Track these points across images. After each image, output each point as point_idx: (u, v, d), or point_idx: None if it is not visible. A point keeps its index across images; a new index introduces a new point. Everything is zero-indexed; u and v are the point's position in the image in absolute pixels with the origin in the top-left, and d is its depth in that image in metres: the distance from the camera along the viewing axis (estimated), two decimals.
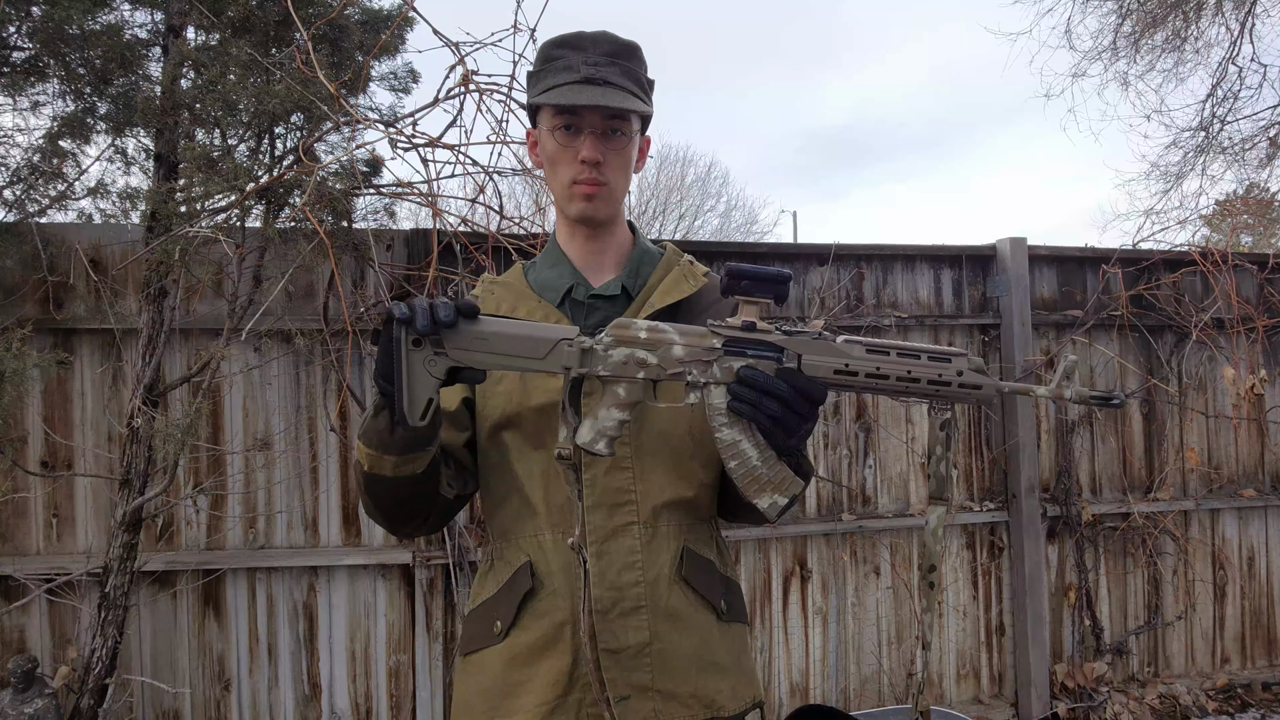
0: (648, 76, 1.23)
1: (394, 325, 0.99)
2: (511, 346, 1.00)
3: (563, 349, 1.00)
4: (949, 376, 1.02)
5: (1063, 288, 3.91)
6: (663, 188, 18.60)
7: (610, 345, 1.02)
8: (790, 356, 1.02)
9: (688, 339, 1.02)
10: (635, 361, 1.02)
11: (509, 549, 1.22)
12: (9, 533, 3.02)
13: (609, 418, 1.02)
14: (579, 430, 1.03)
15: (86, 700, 2.76)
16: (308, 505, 3.20)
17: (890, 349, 1.02)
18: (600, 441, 1.02)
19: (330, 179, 2.85)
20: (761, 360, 1.02)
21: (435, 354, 0.99)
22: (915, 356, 1.02)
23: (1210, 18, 7.15)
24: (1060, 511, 3.78)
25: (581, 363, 1.01)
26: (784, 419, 1.01)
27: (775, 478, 1.03)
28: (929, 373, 1.01)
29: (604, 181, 1.19)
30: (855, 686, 3.62)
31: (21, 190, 2.98)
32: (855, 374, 1.02)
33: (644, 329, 1.02)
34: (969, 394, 1.02)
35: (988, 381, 1.02)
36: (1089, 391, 1.02)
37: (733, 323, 1.03)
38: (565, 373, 1.01)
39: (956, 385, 1.02)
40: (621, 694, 1.12)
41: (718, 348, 1.02)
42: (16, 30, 2.92)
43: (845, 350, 1.02)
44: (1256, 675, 3.99)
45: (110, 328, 3.01)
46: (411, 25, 3.19)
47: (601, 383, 1.03)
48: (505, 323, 1.02)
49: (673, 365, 1.02)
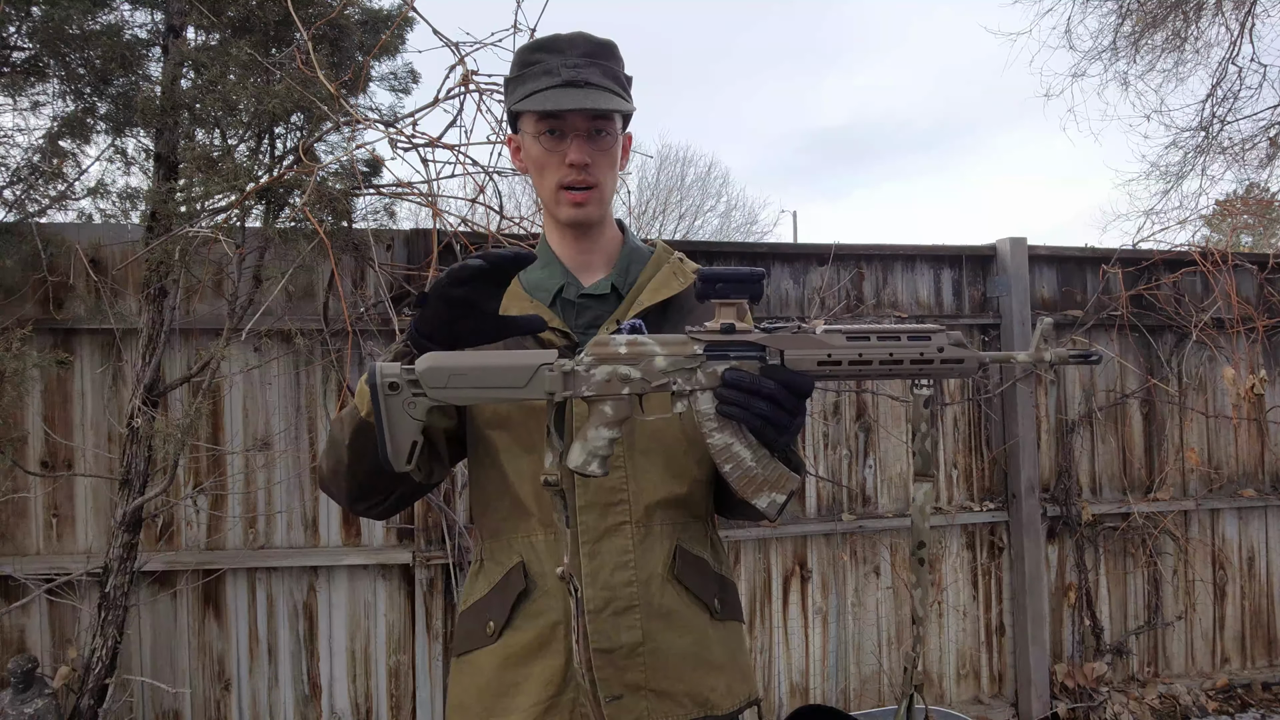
0: (626, 74, 1.23)
1: (371, 373, 0.98)
2: (491, 379, 0.99)
3: (544, 374, 0.99)
4: (930, 354, 1.02)
5: (1063, 288, 3.91)
6: (663, 188, 18.61)
7: (591, 365, 1.00)
8: (773, 354, 1.02)
9: (669, 349, 1.01)
10: (619, 378, 1.00)
11: (501, 549, 1.22)
12: (9, 533, 3.02)
13: (599, 437, 1.02)
14: (570, 453, 1.03)
15: (86, 700, 2.76)
16: (308, 505, 3.20)
17: (870, 333, 1.02)
18: (593, 463, 1.02)
19: (330, 179, 2.85)
20: (745, 360, 1.02)
21: (414, 396, 0.98)
22: (895, 338, 1.02)
23: (1210, 18, 7.15)
24: (1060, 511, 3.78)
25: (565, 386, 0.99)
26: (774, 416, 1.00)
27: (771, 476, 1.03)
28: (910, 352, 1.02)
29: (593, 183, 1.19)
30: (855, 686, 3.62)
31: (21, 190, 2.98)
32: (839, 363, 1.02)
33: (623, 344, 1.01)
34: (951, 369, 1.03)
35: (968, 354, 1.03)
36: (1067, 351, 1.03)
37: (711, 327, 1.02)
38: (549, 398, 1.00)
39: (939, 362, 1.02)
40: (615, 693, 1.12)
41: (700, 354, 1.01)
42: (16, 30, 2.92)
43: (827, 341, 1.02)
44: (1256, 675, 3.99)
45: (110, 328, 3.02)
46: (411, 25, 3.19)
47: (588, 403, 1.02)
48: (482, 355, 1.00)
49: (656, 377, 1.01)
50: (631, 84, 1.25)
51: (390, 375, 0.98)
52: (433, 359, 0.98)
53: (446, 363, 0.98)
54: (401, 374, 0.98)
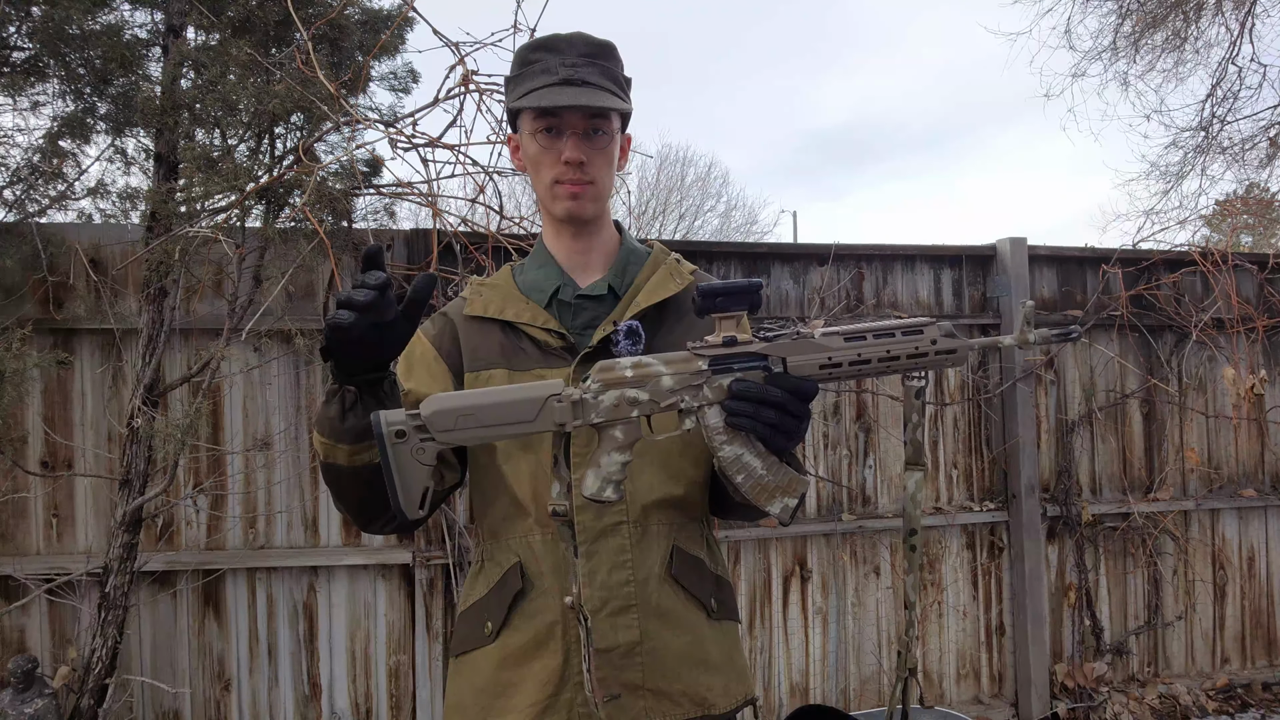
0: (625, 75, 1.23)
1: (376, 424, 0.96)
2: (499, 415, 0.97)
3: (552, 406, 0.98)
4: (925, 347, 1.04)
5: (1063, 288, 3.91)
6: (663, 188, 18.61)
7: (599, 391, 1.00)
8: (775, 362, 1.03)
9: (675, 367, 1.02)
10: (627, 401, 1.01)
11: (499, 550, 1.22)
12: (9, 533, 3.02)
13: (612, 463, 1.02)
14: (585, 482, 1.02)
15: (86, 700, 2.76)
16: (308, 505, 3.20)
17: (866, 332, 1.04)
18: (608, 489, 1.02)
19: (330, 179, 2.85)
20: (749, 370, 1.02)
21: (422, 442, 0.97)
22: (890, 335, 1.04)
23: (1210, 18, 7.15)
24: (1060, 511, 3.78)
25: (574, 415, 0.99)
26: (782, 423, 1.01)
27: (782, 482, 1.04)
28: (906, 347, 1.04)
29: (589, 180, 1.19)
30: (855, 686, 3.62)
31: (21, 190, 2.98)
32: (839, 364, 1.03)
33: (629, 367, 1.01)
34: (945, 359, 1.05)
35: (960, 343, 1.05)
36: (1049, 332, 1.06)
37: (713, 341, 1.03)
38: (559, 429, 0.99)
39: (933, 354, 1.05)
40: (612, 692, 1.13)
41: (705, 369, 1.02)
42: (16, 30, 2.93)
43: (826, 344, 1.03)
44: (1256, 675, 3.99)
45: (110, 328, 3.02)
46: (411, 25, 3.20)
47: (597, 429, 1.02)
48: (487, 392, 0.99)
49: (665, 397, 1.01)
50: (631, 85, 1.25)
51: (396, 424, 0.96)
52: (438, 402, 0.97)
53: (453, 404, 0.97)
54: (407, 421, 0.96)
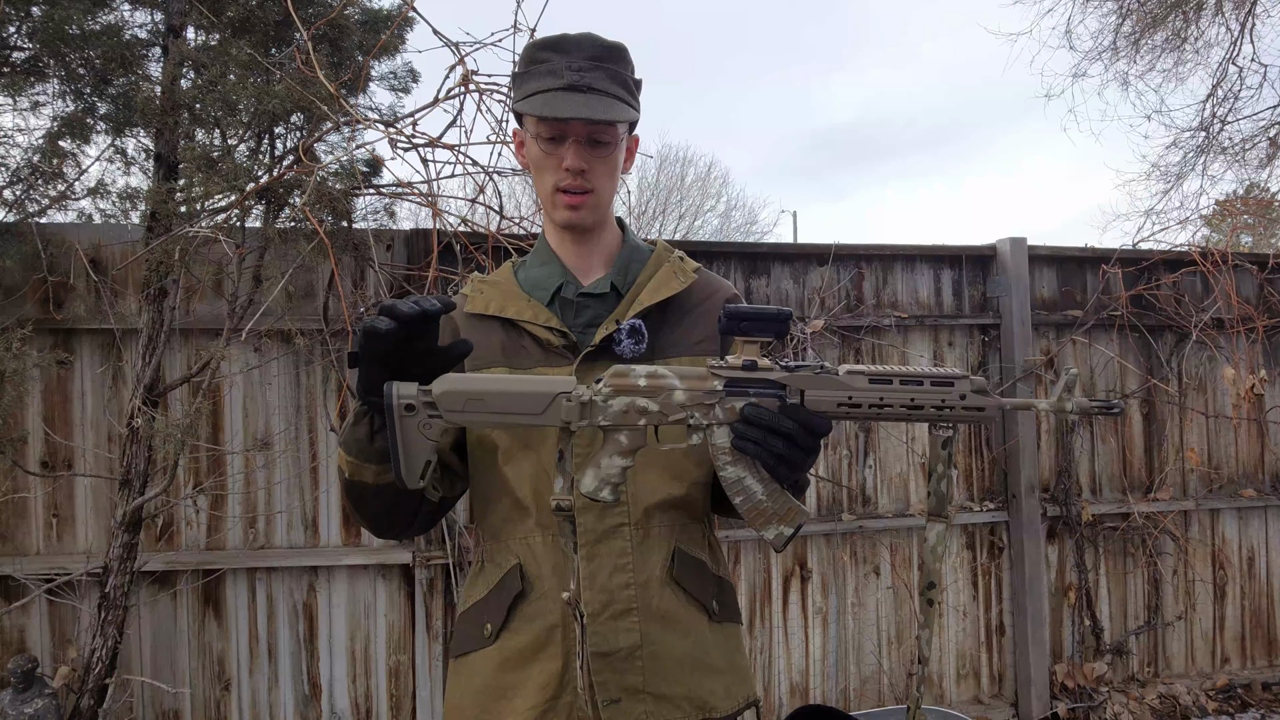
0: (635, 77, 1.21)
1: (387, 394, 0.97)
2: (508, 404, 0.99)
3: (561, 403, 0.98)
4: (952, 401, 1.00)
5: (1063, 288, 3.91)
6: (663, 188, 18.61)
7: (609, 395, 1.00)
8: (793, 393, 1.01)
9: (689, 383, 1.01)
10: (636, 410, 1.00)
11: (499, 551, 1.22)
12: (9, 533, 3.02)
13: (612, 465, 1.02)
14: (583, 479, 1.03)
15: (86, 700, 2.76)
16: (307, 505, 3.20)
17: (893, 376, 1.00)
18: (605, 489, 1.02)
19: (330, 179, 2.85)
20: (764, 397, 1.01)
21: (430, 417, 0.99)
22: (918, 383, 1.00)
23: (1210, 18, 7.15)
24: (1060, 511, 3.78)
25: (581, 415, 0.99)
26: (789, 455, 1.00)
27: (780, 510, 1.03)
28: (933, 399, 1.00)
29: (589, 189, 1.18)
30: (855, 686, 3.62)
31: (21, 190, 2.98)
32: (859, 405, 1.01)
33: (643, 376, 1.00)
34: (972, 415, 1.01)
35: (990, 402, 1.01)
36: (1090, 402, 1.00)
37: (733, 362, 1.01)
38: (564, 426, 0.99)
39: (960, 409, 1.01)
40: (613, 696, 1.12)
41: (719, 390, 1.01)
42: (16, 30, 2.92)
43: (848, 383, 1.00)
44: (1256, 675, 3.99)
45: (110, 328, 3.02)
46: (411, 25, 3.20)
47: (603, 431, 1.02)
48: (499, 380, 1.00)
49: (674, 411, 1.01)
50: (641, 87, 1.23)
51: (407, 397, 0.98)
52: (450, 382, 0.98)
53: (464, 387, 0.98)
54: (418, 396, 0.98)
